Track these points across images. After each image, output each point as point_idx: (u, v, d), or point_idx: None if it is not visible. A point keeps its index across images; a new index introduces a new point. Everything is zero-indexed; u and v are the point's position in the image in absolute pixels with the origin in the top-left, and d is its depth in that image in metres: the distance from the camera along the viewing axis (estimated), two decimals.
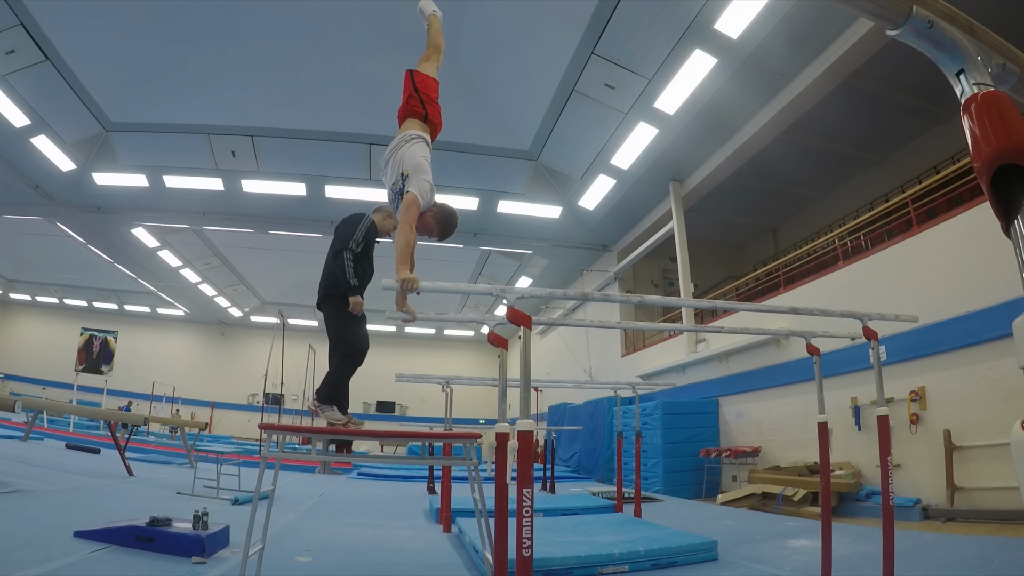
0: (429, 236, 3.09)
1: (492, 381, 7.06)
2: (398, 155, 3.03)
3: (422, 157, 3.02)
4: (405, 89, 3.23)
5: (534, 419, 2.83)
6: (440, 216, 3.03)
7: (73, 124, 11.75)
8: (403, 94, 3.25)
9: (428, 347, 27.03)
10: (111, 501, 6.23)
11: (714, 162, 11.07)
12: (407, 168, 2.96)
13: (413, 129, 3.13)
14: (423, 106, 3.18)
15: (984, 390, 6.47)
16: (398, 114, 3.25)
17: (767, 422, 9.97)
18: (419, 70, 3.26)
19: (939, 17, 1.10)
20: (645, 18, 8.38)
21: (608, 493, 9.04)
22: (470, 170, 12.49)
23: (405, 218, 2.82)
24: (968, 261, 6.81)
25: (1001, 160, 0.98)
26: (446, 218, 3.05)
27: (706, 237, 14.83)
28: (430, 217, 3.00)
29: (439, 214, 3.03)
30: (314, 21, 9.83)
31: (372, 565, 4.51)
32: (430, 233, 3.06)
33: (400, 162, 3.00)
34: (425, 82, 3.23)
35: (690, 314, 12.14)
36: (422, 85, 3.22)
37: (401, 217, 2.86)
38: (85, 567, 3.56)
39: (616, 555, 4.33)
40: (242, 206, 14.37)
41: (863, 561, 4.46)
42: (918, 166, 11.06)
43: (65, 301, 24.98)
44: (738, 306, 4.58)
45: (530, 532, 2.47)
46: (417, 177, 2.92)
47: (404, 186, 2.91)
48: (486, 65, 10.51)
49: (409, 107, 3.20)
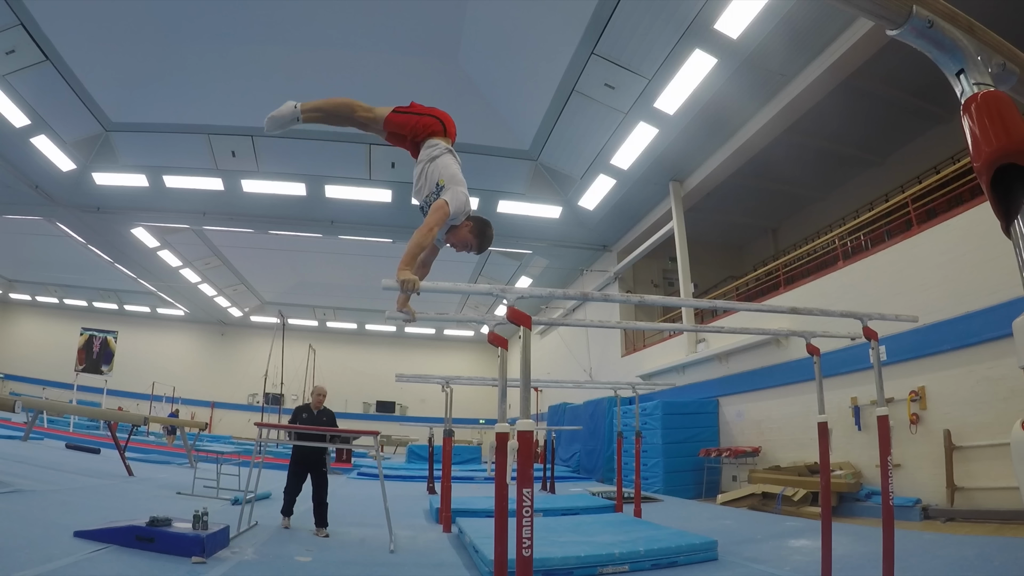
0: (468, 250, 3.02)
1: (492, 381, 7.07)
2: (430, 167, 2.97)
3: (456, 168, 2.98)
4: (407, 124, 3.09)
5: (534, 419, 2.83)
6: (477, 229, 2.96)
7: (73, 124, 11.75)
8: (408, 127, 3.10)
9: (428, 347, 27.04)
10: (111, 501, 6.23)
11: (714, 162, 11.07)
12: (443, 179, 2.91)
13: (439, 141, 3.07)
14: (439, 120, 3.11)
15: (984, 390, 6.47)
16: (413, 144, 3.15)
17: (767, 422, 9.96)
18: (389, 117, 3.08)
19: (939, 17, 1.10)
20: (645, 18, 8.38)
21: (608, 493, 9.04)
22: (470, 170, 12.22)
23: (428, 220, 2.77)
24: (968, 261, 6.81)
25: (1001, 160, 0.98)
26: (482, 231, 2.98)
27: (706, 237, 14.82)
28: (466, 231, 2.93)
29: (475, 227, 2.96)
30: (314, 21, 9.82)
31: (372, 565, 4.51)
32: (468, 247, 2.99)
33: (434, 174, 2.94)
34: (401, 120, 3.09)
35: (690, 314, 12.14)
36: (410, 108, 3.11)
37: (426, 219, 2.80)
38: (85, 567, 3.56)
39: (616, 555, 4.33)
40: (242, 206, 14.37)
41: (863, 561, 4.46)
42: (918, 166, 11.05)
43: (65, 301, 24.98)
44: (738, 306, 4.58)
45: (530, 532, 2.47)
46: (454, 188, 2.87)
47: (439, 195, 2.86)
48: (486, 65, 10.50)
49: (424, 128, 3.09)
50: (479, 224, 2.98)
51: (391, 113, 3.08)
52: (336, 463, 15.26)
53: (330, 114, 3.08)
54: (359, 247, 16.56)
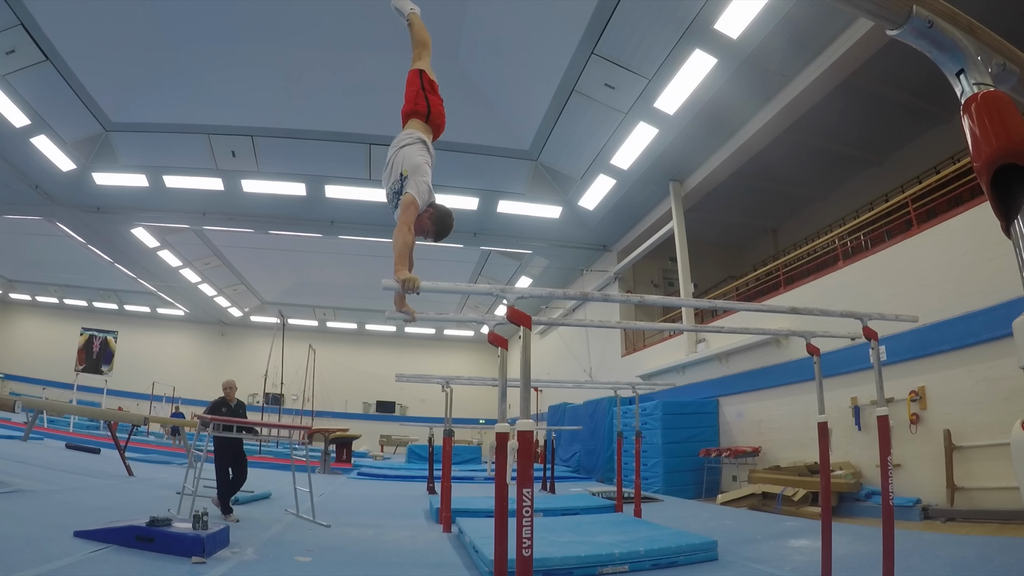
0: (425, 237, 3.07)
1: (492, 381, 7.07)
2: (398, 156, 3.03)
3: (421, 158, 3.01)
4: (411, 86, 3.21)
5: (534, 419, 2.83)
6: (436, 217, 3.00)
7: (73, 124, 11.75)
8: (408, 91, 3.22)
9: (428, 347, 27.04)
10: (111, 501, 6.23)
11: (714, 162, 11.07)
12: (406, 169, 2.95)
13: (414, 130, 3.12)
14: (428, 104, 3.17)
15: (984, 390, 6.47)
16: (402, 113, 3.25)
17: (767, 422, 9.96)
18: (425, 70, 3.25)
19: (939, 17, 1.10)
20: (645, 18, 8.38)
21: (608, 493, 9.04)
22: (470, 170, 12.49)
23: (403, 219, 2.82)
24: (968, 261, 6.80)
25: (1001, 160, 0.98)
26: (441, 219, 3.03)
27: (706, 237, 14.82)
28: (426, 218, 2.98)
29: (435, 215, 3.00)
30: (314, 21, 9.82)
31: (372, 565, 4.52)
32: (426, 234, 3.04)
33: (399, 163, 3.00)
34: (431, 81, 3.25)
35: (690, 314, 12.14)
36: (429, 83, 3.22)
37: (399, 218, 2.85)
38: (85, 567, 3.56)
39: (616, 555, 4.33)
40: (242, 206, 14.37)
41: (863, 561, 4.46)
42: (918, 166, 11.05)
43: (65, 301, 24.97)
44: (738, 306, 4.59)
45: (530, 532, 2.47)
46: (416, 178, 2.91)
47: (403, 187, 2.91)
48: (486, 65, 10.50)
49: (414, 105, 3.19)
50: (440, 213, 3.02)
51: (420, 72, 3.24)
52: (336, 463, 15.28)
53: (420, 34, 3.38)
54: (359, 247, 16.56)
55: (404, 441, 20.84)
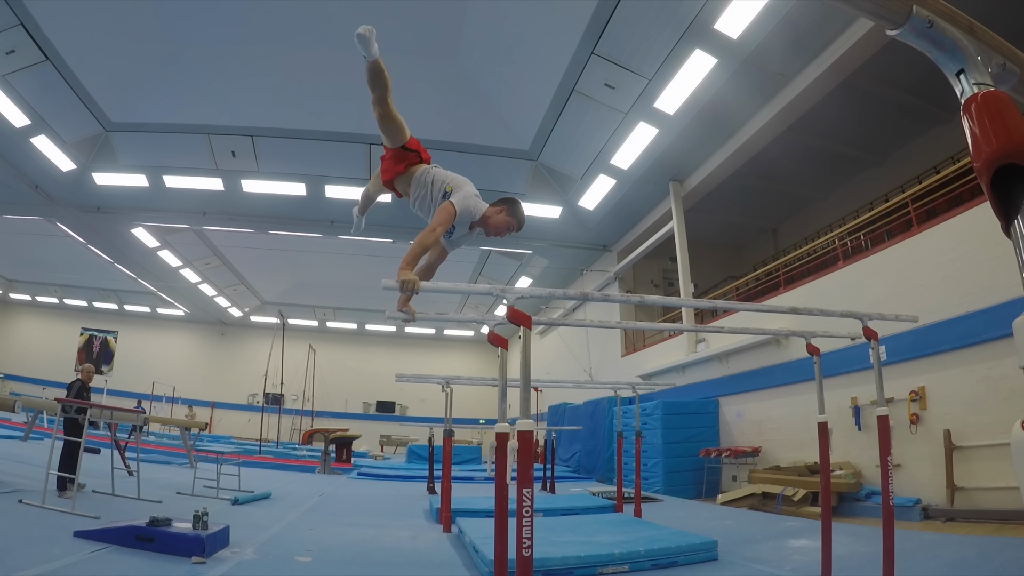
0: (510, 231, 3.06)
1: (492, 381, 7.07)
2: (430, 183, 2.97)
3: (462, 179, 3.00)
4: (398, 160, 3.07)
5: (534, 419, 2.83)
6: (511, 210, 3.02)
7: (73, 124, 11.74)
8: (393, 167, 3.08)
9: (428, 347, 27.04)
10: (111, 501, 6.23)
11: (714, 162, 11.07)
12: (449, 185, 2.93)
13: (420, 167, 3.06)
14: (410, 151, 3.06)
15: (984, 390, 6.47)
16: (395, 177, 3.10)
17: (767, 422, 9.96)
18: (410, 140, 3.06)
19: (939, 17, 1.10)
20: (645, 18, 8.38)
21: (608, 493, 9.04)
22: (470, 170, 12.20)
23: (432, 222, 2.79)
24: (968, 261, 6.80)
25: (1001, 160, 0.98)
26: (515, 210, 3.05)
27: (706, 237, 14.82)
28: (503, 216, 2.98)
29: (510, 208, 3.02)
30: (314, 21, 9.82)
31: (372, 565, 4.52)
32: (509, 228, 3.04)
33: (437, 185, 2.96)
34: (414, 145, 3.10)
35: (690, 314, 12.14)
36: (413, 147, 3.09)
37: (432, 219, 2.82)
38: (85, 567, 3.56)
39: (616, 555, 4.33)
40: (242, 206, 14.36)
41: (863, 561, 4.46)
42: (918, 166, 11.05)
43: (65, 301, 24.96)
44: (738, 306, 4.59)
45: (530, 532, 2.47)
46: (462, 190, 2.90)
47: (446, 198, 2.89)
48: (486, 65, 10.50)
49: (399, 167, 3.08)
50: (511, 204, 3.04)
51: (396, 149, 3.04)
52: (336, 463, 15.27)
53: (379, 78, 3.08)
54: (359, 247, 16.55)
55: (404, 441, 20.83)
